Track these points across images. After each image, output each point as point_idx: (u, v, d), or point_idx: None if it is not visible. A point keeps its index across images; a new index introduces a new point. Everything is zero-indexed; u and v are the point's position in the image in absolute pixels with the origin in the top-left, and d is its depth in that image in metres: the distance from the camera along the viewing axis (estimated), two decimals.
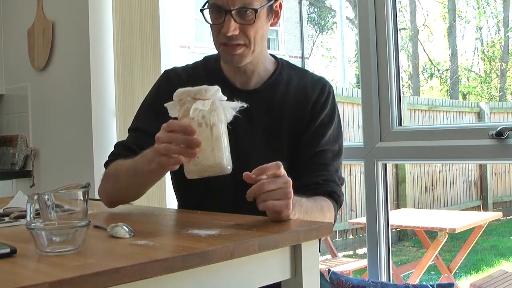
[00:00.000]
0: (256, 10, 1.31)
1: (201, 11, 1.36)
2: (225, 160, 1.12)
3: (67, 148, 2.92)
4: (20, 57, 3.22)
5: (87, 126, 2.75)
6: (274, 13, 1.40)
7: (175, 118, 1.15)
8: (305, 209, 1.21)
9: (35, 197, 1.06)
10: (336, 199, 1.38)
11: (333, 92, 1.48)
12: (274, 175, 1.08)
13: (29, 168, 3.17)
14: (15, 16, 3.30)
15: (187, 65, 1.55)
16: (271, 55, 1.52)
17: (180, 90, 1.12)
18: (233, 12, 1.30)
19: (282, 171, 1.09)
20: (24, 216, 1.29)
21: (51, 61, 3.02)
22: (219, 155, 1.11)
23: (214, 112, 1.11)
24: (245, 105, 1.14)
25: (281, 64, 1.49)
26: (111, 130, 2.75)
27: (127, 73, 2.58)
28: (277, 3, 1.39)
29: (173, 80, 1.49)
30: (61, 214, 1.05)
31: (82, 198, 1.07)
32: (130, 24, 2.57)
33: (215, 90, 1.12)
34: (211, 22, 1.36)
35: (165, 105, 1.14)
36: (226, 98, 1.14)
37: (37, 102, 3.15)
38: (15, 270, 0.82)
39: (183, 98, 1.11)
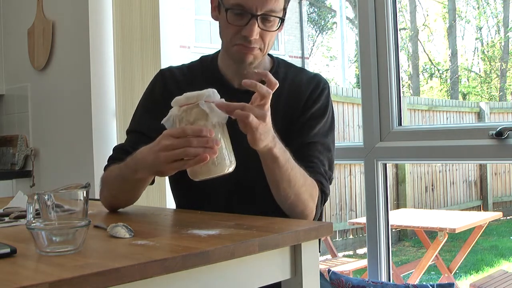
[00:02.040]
0: (282, 19, 1.33)
1: (226, 10, 1.33)
2: (234, 159, 1.15)
3: (67, 148, 2.92)
4: (20, 57, 3.22)
5: (87, 126, 2.75)
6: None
7: (163, 125, 1.15)
8: (292, 163, 1.23)
9: (35, 197, 1.06)
10: (322, 190, 1.34)
11: (329, 89, 1.47)
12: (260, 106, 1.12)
13: (29, 168, 3.17)
14: (15, 16, 3.30)
15: (182, 65, 1.55)
16: (268, 54, 1.52)
17: (188, 94, 1.13)
18: (258, 17, 1.30)
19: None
20: (24, 216, 1.29)
21: (51, 61, 3.02)
22: (231, 154, 1.14)
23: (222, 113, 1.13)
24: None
25: (277, 63, 1.49)
26: (111, 130, 2.75)
27: (127, 73, 2.58)
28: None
29: (168, 80, 1.49)
30: (61, 214, 1.05)
31: (82, 198, 1.07)
32: (130, 24, 2.57)
33: (218, 93, 1.14)
34: (230, 22, 1.34)
35: (171, 110, 1.15)
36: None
37: (37, 102, 3.15)
38: (15, 270, 0.82)
39: (193, 101, 1.11)
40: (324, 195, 1.36)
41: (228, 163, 1.13)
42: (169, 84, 1.48)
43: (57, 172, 3.00)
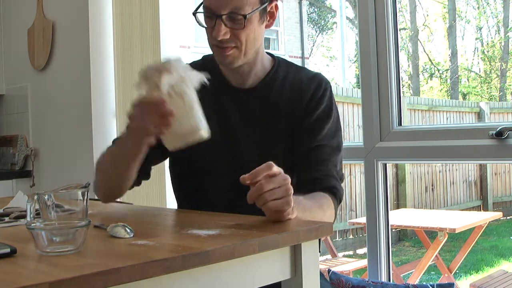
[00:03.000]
0: (245, 16, 1.31)
1: (194, 14, 1.37)
2: (201, 125, 1.16)
3: (67, 148, 2.92)
4: (20, 57, 3.22)
5: (87, 126, 2.75)
6: (269, 15, 1.39)
7: None
8: (303, 207, 1.20)
9: (35, 197, 1.06)
10: (336, 194, 1.37)
11: (331, 88, 1.47)
12: (269, 175, 1.07)
13: (29, 168, 3.17)
14: (15, 16, 3.30)
15: (193, 62, 1.55)
16: (269, 53, 1.51)
17: (144, 67, 1.16)
18: (223, 17, 1.31)
19: (276, 169, 1.07)
20: (24, 216, 1.29)
21: (51, 61, 3.02)
22: (194, 120, 1.16)
23: (181, 81, 1.15)
24: (207, 81, 1.19)
25: (277, 62, 1.49)
26: (111, 130, 2.75)
27: (127, 73, 2.58)
28: (272, 5, 1.38)
29: None
30: (61, 214, 1.05)
31: (82, 198, 1.07)
32: (130, 24, 2.57)
33: (178, 60, 1.16)
34: (205, 25, 1.37)
35: (134, 85, 1.18)
36: (189, 66, 1.19)
37: (37, 102, 3.15)
38: (15, 270, 0.82)
39: (149, 74, 1.14)
40: (339, 199, 1.38)
41: (195, 129, 1.15)
42: None
43: (57, 172, 3.00)
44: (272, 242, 1.00)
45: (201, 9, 1.37)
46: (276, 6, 1.40)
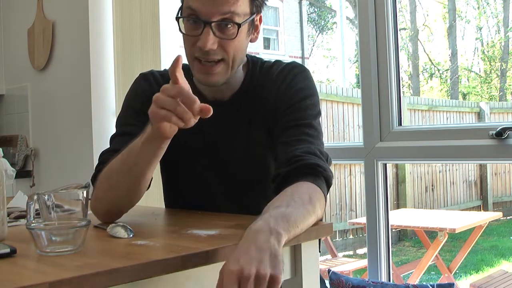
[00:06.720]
0: (239, 25, 1.19)
1: (177, 19, 1.23)
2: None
3: (67, 148, 2.92)
4: (20, 57, 3.22)
5: (87, 126, 2.75)
6: (254, 27, 1.28)
7: None
8: (294, 222, 0.98)
9: (35, 197, 1.06)
10: (323, 173, 1.14)
11: (306, 72, 1.34)
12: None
13: (29, 168, 3.17)
14: (15, 16, 3.30)
15: (165, 70, 1.42)
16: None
17: None
18: (213, 24, 1.17)
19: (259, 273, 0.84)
20: (24, 216, 1.29)
21: (51, 61, 3.02)
22: None
23: None
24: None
25: (252, 65, 1.37)
26: (111, 130, 2.75)
27: (127, 73, 2.58)
28: (258, 17, 1.28)
29: (151, 80, 1.38)
30: (61, 214, 1.05)
31: (82, 198, 1.07)
32: (130, 24, 2.57)
33: None
34: (185, 32, 1.22)
35: None
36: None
37: (37, 102, 3.15)
38: (15, 270, 0.82)
39: None
40: (326, 179, 1.16)
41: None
42: (154, 86, 1.36)
43: (57, 172, 3.00)
44: None
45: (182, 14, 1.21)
46: (261, 19, 1.30)
